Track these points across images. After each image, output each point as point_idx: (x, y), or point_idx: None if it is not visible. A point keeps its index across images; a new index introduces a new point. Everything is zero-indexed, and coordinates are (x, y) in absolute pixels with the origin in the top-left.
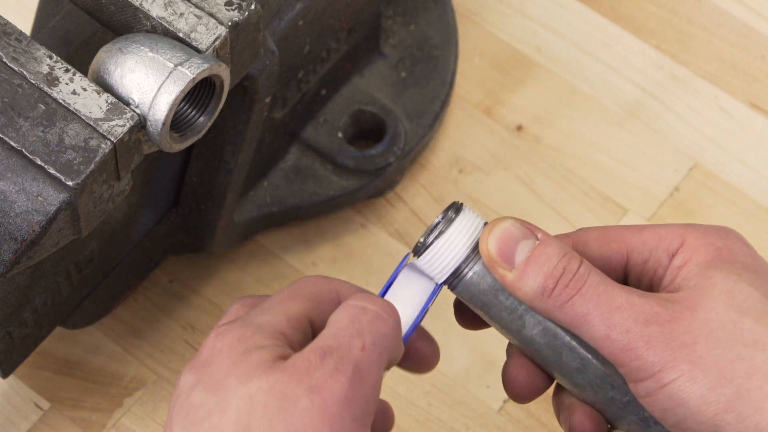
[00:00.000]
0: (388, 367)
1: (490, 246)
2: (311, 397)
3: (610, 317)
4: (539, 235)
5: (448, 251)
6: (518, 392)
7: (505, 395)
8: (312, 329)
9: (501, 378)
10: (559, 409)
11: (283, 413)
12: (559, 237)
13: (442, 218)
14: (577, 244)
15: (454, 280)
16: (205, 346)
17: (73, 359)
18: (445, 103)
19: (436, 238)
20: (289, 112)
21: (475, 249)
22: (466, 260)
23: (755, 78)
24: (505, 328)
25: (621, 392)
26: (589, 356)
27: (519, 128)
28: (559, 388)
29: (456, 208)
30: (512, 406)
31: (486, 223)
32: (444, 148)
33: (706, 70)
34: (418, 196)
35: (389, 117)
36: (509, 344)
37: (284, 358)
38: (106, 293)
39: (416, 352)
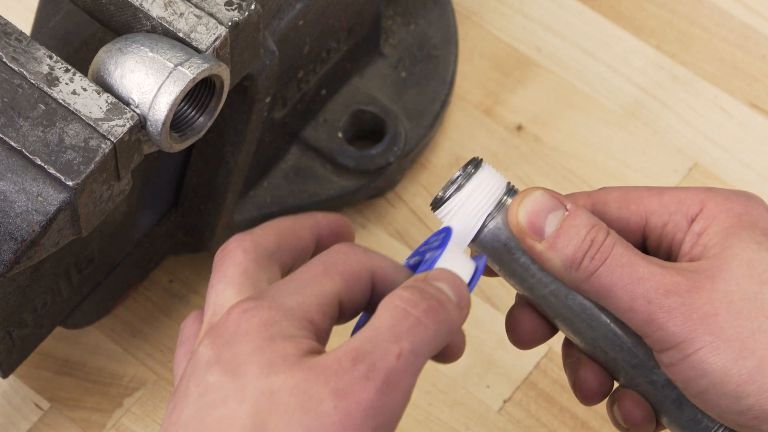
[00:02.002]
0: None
1: (520, 217)
2: (335, 402)
3: (632, 289)
4: (568, 206)
5: (467, 204)
6: (520, 338)
7: (505, 395)
8: (340, 310)
9: (504, 323)
10: (566, 360)
11: (304, 414)
12: (579, 195)
13: (462, 173)
14: (596, 203)
15: None
16: (229, 320)
17: (73, 359)
18: (445, 103)
19: (455, 192)
20: (289, 112)
21: (495, 205)
22: (486, 216)
23: (755, 78)
24: (518, 284)
25: (630, 355)
26: (601, 318)
27: (519, 128)
28: (568, 340)
29: (475, 163)
30: (512, 405)
31: (510, 184)
32: (444, 148)
33: (706, 70)
34: (418, 196)
35: (389, 117)
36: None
37: (311, 352)
38: (106, 293)
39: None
